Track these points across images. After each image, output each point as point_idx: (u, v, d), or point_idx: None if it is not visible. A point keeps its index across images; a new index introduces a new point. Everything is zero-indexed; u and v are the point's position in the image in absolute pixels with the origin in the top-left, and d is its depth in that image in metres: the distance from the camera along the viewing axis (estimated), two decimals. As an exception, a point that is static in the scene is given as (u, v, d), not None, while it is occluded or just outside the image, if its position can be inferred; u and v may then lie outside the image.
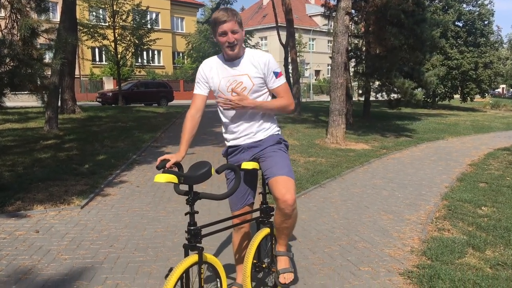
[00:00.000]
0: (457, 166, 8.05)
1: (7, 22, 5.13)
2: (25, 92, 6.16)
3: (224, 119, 2.70)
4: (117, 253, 3.69)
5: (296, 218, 2.51)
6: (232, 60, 2.57)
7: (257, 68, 2.54)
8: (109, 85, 31.31)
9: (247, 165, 2.58)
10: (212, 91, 2.67)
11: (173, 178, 2.23)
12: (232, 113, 2.62)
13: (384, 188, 6.19)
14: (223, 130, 2.75)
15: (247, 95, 2.53)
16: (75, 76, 16.15)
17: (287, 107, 2.63)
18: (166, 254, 3.68)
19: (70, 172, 6.44)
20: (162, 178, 2.20)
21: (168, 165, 2.35)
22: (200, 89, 2.66)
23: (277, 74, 2.57)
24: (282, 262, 2.62)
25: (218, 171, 2.35)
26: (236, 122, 2.64)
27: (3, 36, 5.18)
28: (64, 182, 5.87)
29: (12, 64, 5.21)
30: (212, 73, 2.62)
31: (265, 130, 2.66)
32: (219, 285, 2.49)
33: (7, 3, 4.94)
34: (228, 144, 2.73)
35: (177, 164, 2.44)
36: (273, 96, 2.68)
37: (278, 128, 2.75)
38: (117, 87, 23.85)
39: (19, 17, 5.02)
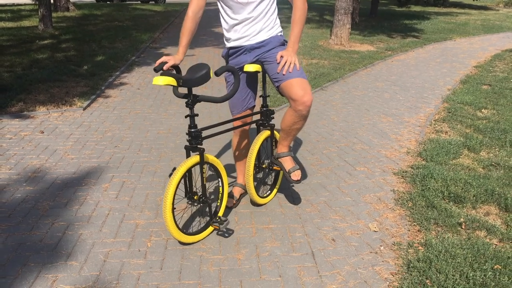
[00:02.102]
0: (462, 68, 7.91)
1: None
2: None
3: (226, 17, 2.55)
4: (122, 153, 3.80)
5: (307, 118, 2.51)
6: None
7: None
8: (102, -20, 29.45)
9: (250, 67, 2.52)
10: None
11: (172, 81, 2.20)
12: (236, 9, 2.48)
13: (386, 91, 6.16)
14: (225, 30, 2.62)
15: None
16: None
17: (305, 8, 2.46)
18: (169, 154, 3.79)
19: (69, 73, 6.37)
20: (160, 80, 2.17)
21: (165, 67, 2.30)
22: None
23: None
24: (288, 162, 2.69)
25: (216, 73, 2.31)
26: (239, 21, 2.50)
27: None
28: (64, 84, 5.84)
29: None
30: None
31: (268, 29, 2.55)
32: (220, 183, 2.61)
33: None
34: (229, 45, 2.62)
35: (176, 67, 2.40)
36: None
37: (281, 29, 2.65)
38: (111, -18, 22.49)
39: None
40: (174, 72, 2.38)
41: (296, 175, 2.66)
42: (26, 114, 4.67)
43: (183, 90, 5.37)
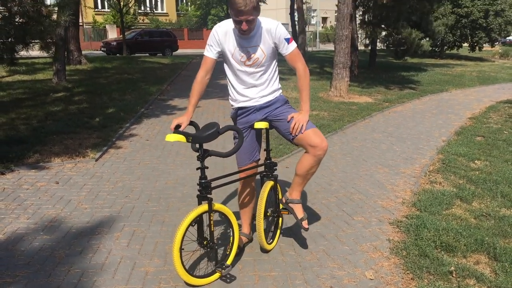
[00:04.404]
0: (457, 120, 8.24)
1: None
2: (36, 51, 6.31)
3: (234, 83, 2.86)
4: (132, 203, 4.03)
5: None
6: None
7: (268, 39, 2.70)
8: (112, 33, 30.94)
9: (260, 124, 2.83)
10: (222, 54, 2.81)
11: (181, 138, 2.52)
12: (242, 76, 2.80)
13: (383, 142, 6.44)
14: (232, 93, 2.90)
15: (301, 114, 2.78)
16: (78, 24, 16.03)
17: (307, 75, 2.82)
18: (177, 204, 4.01)
19: (82, 125, 6.72)
20: (172, 137, 2.51)
21: (182, 128, 2.66)
22: (211, 52, 2.79)
23: (288, 40, 2.73)
24: (299, 210, 2.96)
25: (219, 132, 2.58)
26: (247, 86, 2.82)
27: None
28: (78, 135, 6.17)
29: (21, 20, 5.33)
30: (226, 39, 2.74)
31: (274, 91, 2.88)
32: (231, 229, 2.83)
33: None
34: (237, 105, 2.90)
35: (193, 123, 2.76)
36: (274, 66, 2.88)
37: (281, 90, 2.97)
38: (121, 35, 23.65)
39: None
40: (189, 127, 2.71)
41: (306, 223, 2.94)
42: (42, 165, 4.95)
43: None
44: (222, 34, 2.74)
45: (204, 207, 2.61)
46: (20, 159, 5.06)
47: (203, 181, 2.60)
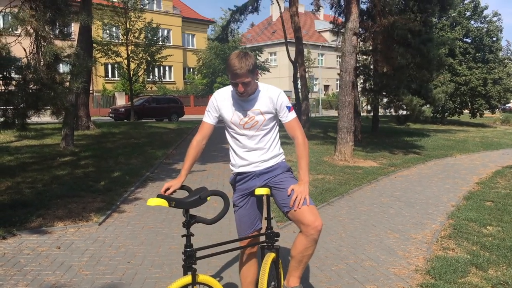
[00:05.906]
0: (465, 185, 8.16)
1: (31, 48, 5.46)
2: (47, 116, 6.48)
3: (234, 146, 2.82)
4: (134, 269, 3.89)
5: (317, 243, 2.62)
6: None
7: (269, 104, 2.71)
8: (121, 100, 31.88)
9: (261, 191, 2.70)
10: (222, 120, 2.82)
11: (163, 202, 2.37)
12: (243, 140, 2.77)
13: (391, 206, 6.34)
14: (232, 157, 2.85)
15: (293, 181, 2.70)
16: (89, 91, 16.57)
17: (306, 143, 2.77)
18: (181, 270, 3.83)
19: (87, 189, 6.69)
20: (153, 202, 2.37)
21: (168, 192, 2.56)
22: (209, 118, 2.81)
23: (289, 109, 2.75)
24: None
25: (200, 197, 2.43)
26: (247, 149, 2.76)
27: (27, 61, 5.51)
28: (82, 199, 6.12)
29: (35, 87, 5.53)
30: (225, 104, 2.76)
31: (275, 156, 2.80)
32: None
33: (32, 31, 5.29)
34: (236, 170, 2.82)
35: (185, 187, 2.64)
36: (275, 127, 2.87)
37: (284, 156, 2.90)
38: (129, 102, 24.35)
39: (43, 43, 5.36)
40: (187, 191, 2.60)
41: None
42: (44, 230, 4.86)
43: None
44: (221, 100, 2.78)
45: (187, 279, 2.40)
46: (22, 223, 4.98)
47: (188, 249, 2.42)
